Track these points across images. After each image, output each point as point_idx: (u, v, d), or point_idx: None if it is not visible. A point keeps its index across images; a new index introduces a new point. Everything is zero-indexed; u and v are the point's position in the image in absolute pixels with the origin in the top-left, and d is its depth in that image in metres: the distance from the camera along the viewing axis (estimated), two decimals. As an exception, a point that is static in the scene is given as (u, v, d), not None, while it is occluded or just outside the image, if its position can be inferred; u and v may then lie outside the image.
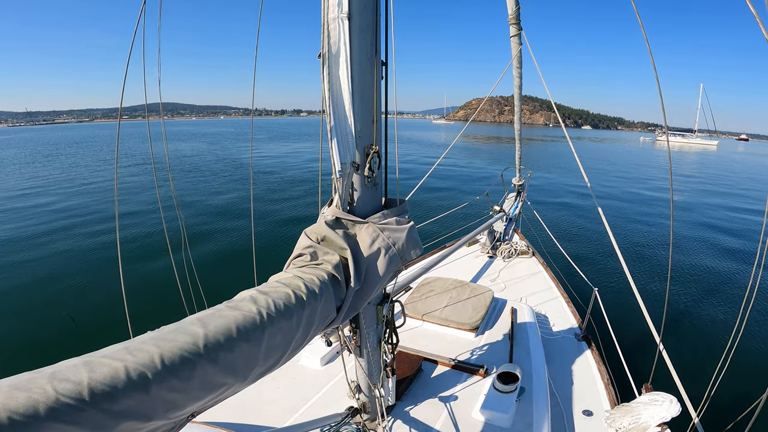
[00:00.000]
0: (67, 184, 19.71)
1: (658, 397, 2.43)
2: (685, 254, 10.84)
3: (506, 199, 7.10)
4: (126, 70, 2.02)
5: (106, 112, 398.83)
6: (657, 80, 2.18)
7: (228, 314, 1.12)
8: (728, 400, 4.34)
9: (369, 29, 1.54)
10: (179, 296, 3.07)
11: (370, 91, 1.60)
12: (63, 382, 0.77)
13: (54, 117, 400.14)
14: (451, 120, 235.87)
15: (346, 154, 1.57)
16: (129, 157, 31.34)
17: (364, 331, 2.07)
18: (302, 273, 1.44)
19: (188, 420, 1.04)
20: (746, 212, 17.12)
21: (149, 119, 2.99)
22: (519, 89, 5.75)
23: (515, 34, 5.09)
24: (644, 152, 56.09)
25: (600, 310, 3.94)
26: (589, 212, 14.90)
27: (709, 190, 23.15)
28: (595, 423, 3.03)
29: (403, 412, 2.60)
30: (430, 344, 3.39)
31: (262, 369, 1.19)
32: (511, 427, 2.52)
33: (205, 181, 20.37)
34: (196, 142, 49.53)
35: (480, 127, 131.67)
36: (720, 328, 6.83)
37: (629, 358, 3.51)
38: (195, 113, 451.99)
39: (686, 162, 43.58)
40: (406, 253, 1.73)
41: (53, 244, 10.56)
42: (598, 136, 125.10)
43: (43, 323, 6.59)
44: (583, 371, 3.66)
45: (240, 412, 2.62)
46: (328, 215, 1.64)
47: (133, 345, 0.93)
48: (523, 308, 3.96)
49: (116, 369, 0.84)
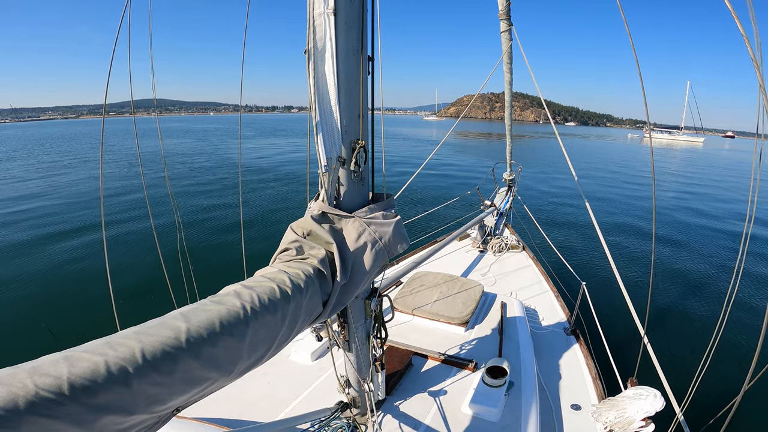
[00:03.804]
0: (49, 181, 19.41)
1: (642, 391, 2.47)
2: (670, 249, 11.00)
3: (497, 194, 7.15)
4: (110, 65, 2.00)
5: (93, 109, 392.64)
6: (640, 76, 2.20)
7: (211, 309, 1.12)
8: (711, 394, 4.43)
9: (355, 24, 1.54)
10: (168, 292, 3.05)
11: (357, 86, 1.60)
12: (43, 377, 0.77)
13: (39, 113, 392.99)
14: (442, 116, 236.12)
15: (332, 149, 1.57)
16: (112, 154, 30.86)
17: (353, 325, 2.08)
18: (288, 267, 1.43)
19: (173, 414, 1.04)
20: (729, 207, 17.40)
21: (136, 116, 2.95)
22: (510, 85, 5.77)
23: (506, 29, 5.10)
24: (630, 149, 56.63)
25: (588, 304, 3.99)
26: (578, 208, 15.05)
27: (694, 185, 23.50)
28: (583, 417, 3.07)
29: (393, 407, 2.61)
30: (420, 338, 3.41)
31: (246, 364, 1.19)
32: (500, 421, 2.54)
33: (192, 177, 20.20)
34: (185, 138, 48.99)
35: (471, 124, 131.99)
36: (703, 323, 6.95)
37: (616, 352, 3.56)
38: (184, 109, 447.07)
39: (672, 158, 44.11)
40: (393, 247, 1.73)
41: (40, 242, 10.41)
42: (584, 132, 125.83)
43: (26, 323, 6.49)
44: (571, 365, 3.71)
45: (229, 407, 2.62)
46: (314, 210, 1.64)
47: (114, 340, 0.92)
48: (512, 302, 4.00)
49: (96, 363, 0.83)
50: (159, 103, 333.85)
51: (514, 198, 7.31)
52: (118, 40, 1.98)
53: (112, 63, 2.03)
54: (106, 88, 2.07)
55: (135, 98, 2.51)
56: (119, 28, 1.96)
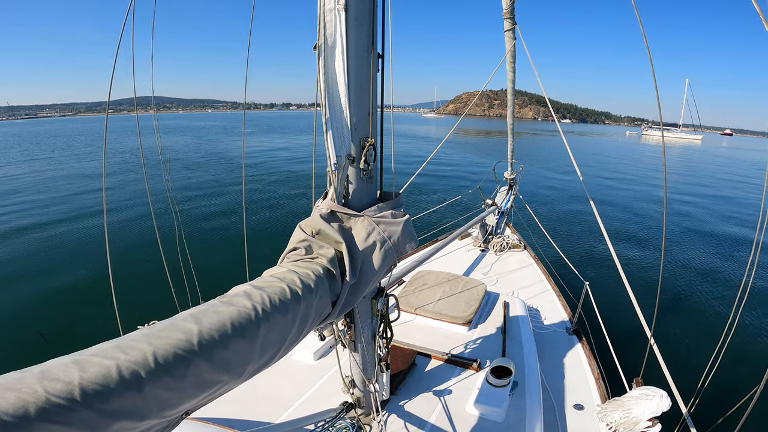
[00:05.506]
0: (50, 180, 19.33)
1: (648, 391, 2.46)
2: (677, 248, 10.95)
3: (498, 193, 7.13)
4: (114, 63, 1.97)
5: (90, 106, 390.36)
6: (654, 76, 2.18)
7: (222, 310, 1.09)
8: (719, 395, 4.41)
9: (366, 21, 1.51)
10: (170, 291, 3.03)
11: (367, 83, 1.58)
12: (53, 382, 0.75)
13: (37, 111, 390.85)
14: (441, 114, 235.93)
15: (341, 147, 1.55)
16: (110, 153, 30.72)
17: (359, 325, 2.06)
18: (297, 267, 1.41)
19: (182, 418, 1.02)
20: (740, 207, 17.33)
21: (138, 113, 2.93)
22: (512, 83, 5.75)
23: (509, 28, 5.08)
24: (629, 147, 56.66)
25: (591, 303, 3.97)
26: (579, 206, 15.04)
27: (696, 182, 23.51)
28: (586, 417, 3.06)
29: (397, 407, 2.60)
30: (423, 338, 3.40)
31: (257, 365, 1.17)
32: (504, 421, 2.53)
33: (193, 175, 20.13)
34: (183, 136, 48.81)
35: (470, 121, 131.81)
36: (711, 323, 6.91)
37: (620, 352, 3.55)
38: (182, 107, 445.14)
39: (670, 156, 44.15)
40: (402, 246, 1.71)
41: (43, 239, 10.36)
42: (582, 130, 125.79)
43: (26, 323, 6.45)
44: (574, 365, 3.70)
45: (233, 408, 2.60)
46: (322, 208, 1.62)
47: (125, 343, 0.90)
48: (515, 302, 3.98)
49: (108, 368, 0.81)
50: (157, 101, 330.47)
51: (515, 197, 7.30)
52: (118, 39, 1.96)
53: (115, 62, 2.00)
54: (110, 86, 2.05)
55: (134, 95, 2.49)
56: (123, 27, 1.93)
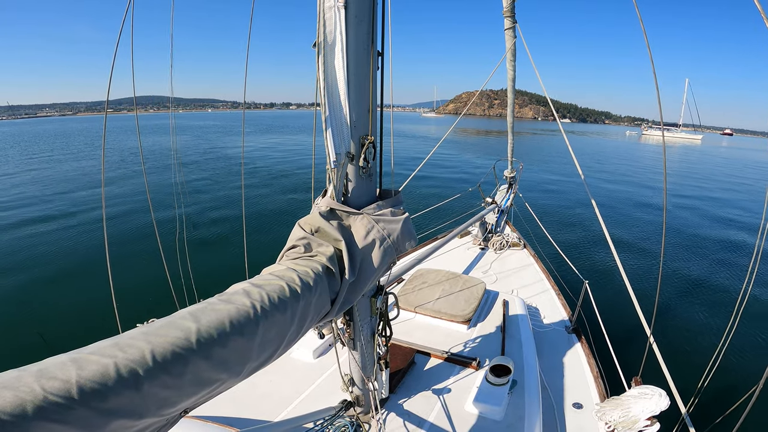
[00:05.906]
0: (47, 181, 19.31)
1: (647, 390, 2.45)
2: (677, 248, 10.94)
3: (498, 191, 7.12)
4: (112, 63, 1.96)
5: (90, 105, 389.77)
6: (654, 76, 2.18)
7: (221, 308, 1.09)
8: (718, 395, 4.41)
9: (365, 18, 1.51)
10: (169, 289, 3.03)
11: (366, 81, 1.58)
12: (51, 380, 0.74)
13: (36, 110, 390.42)
14: (441, 113, 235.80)
15: (341, 145, 1.55)
16: (109, 152, 30.65)
17: (358, 323, 2.06)
18: (296, 265, 1.41)
19: (181, 416, 1.02)
20: (740, 208, 17.28)
21: (137, 112, 2.92)
22: (512, 82, 5.74)
23: (510, 27, 5.06)
24: (629, 146, 56.62)
25: (590, 302, 3.97)
26: (579, 206, 15.03)
27: (701, 185, 23.47)
28: (585, 416, 3.06)
29: (396, 405, 2.60)
30: (422, 336, 3.40)
31: (255, 364, 1.17)
32: (504, 419, 2.53)
33: (193, 173, 20.12)
34: (183, 135, 48.73)
35: (470, 121, 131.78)
36: (710, 323, 6.91)
37: (619, 350, 3.54)
38: (182, 106, 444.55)
39: (669, 156, 44.14)
40: (401, 244, 1.71)
41: (42, 236, 10.36)
42: (582, 129, 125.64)
43: (24, 319, 6.44)
44: (573, 364, 3.69)
45: (232, 406, 2.60)
46: (322, 206, 1.61)
47: (123, 341, 0.89)
48: (514, 300, 3.98)
49: (106, 366, 0.81)
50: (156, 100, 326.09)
51: (515, 195, 7.29)
52: (117, 39, 1.95)
53: (114, 61, 2.00)
54: (109, 85, 2.04)
55: (131, 94, 2.48)
56: (122, 27, 1.93)
